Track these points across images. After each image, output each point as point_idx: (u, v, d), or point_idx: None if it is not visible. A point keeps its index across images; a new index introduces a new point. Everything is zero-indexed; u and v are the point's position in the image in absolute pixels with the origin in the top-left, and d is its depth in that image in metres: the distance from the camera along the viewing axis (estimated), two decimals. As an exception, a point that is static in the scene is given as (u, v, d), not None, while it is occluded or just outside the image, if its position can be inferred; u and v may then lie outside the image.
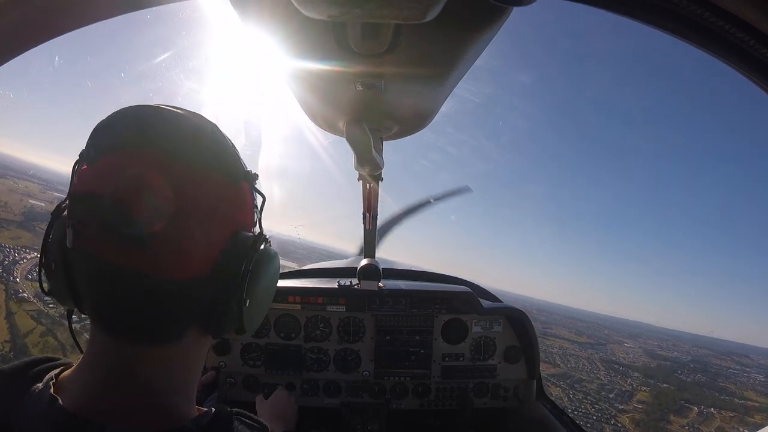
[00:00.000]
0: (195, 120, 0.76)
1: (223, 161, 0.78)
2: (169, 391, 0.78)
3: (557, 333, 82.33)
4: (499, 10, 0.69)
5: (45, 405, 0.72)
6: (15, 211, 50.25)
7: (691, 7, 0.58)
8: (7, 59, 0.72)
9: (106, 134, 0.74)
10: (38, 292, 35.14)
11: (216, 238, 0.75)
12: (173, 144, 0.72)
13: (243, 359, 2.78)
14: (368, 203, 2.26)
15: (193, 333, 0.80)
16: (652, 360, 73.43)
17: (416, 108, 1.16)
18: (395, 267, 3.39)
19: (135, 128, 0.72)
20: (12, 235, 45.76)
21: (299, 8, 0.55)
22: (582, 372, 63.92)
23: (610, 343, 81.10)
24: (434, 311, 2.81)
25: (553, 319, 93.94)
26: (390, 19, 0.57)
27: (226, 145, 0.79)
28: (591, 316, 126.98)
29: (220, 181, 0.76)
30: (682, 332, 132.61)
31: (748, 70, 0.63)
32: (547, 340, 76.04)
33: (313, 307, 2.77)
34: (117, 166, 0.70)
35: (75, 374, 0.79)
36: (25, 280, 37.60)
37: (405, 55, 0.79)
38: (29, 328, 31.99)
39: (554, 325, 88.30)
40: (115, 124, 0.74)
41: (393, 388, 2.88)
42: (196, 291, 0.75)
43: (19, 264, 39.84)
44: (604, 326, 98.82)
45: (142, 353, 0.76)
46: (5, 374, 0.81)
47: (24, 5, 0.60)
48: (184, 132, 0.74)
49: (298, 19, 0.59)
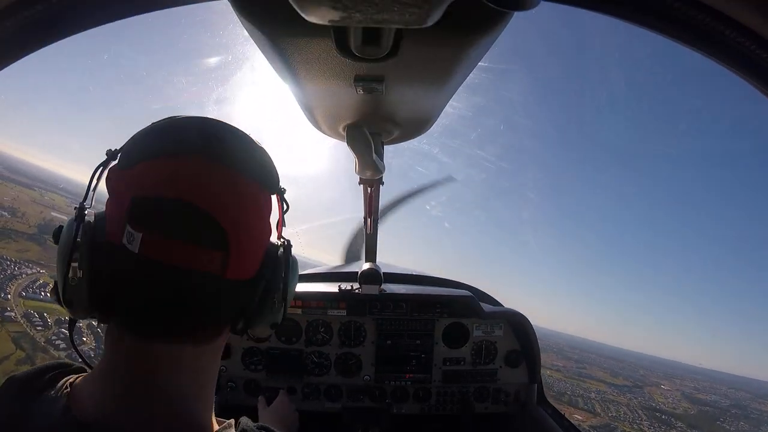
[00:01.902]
0: (248, 136, 0.83)
1: (269, 175, 0.85)
2: (191, 397, 0.78)
3: (593, 374, 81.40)
4: (500, 15, 0.69)
5: (58, 415, 0.71)
6: (31, 222, 49.88)
7: (691, 12, 0.58)
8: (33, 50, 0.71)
9: (163, 139, 0.76)
10: (27, 312, 34.17)
11: (262, 243, 0.83)
12: (237, 157, 0.78)
13: (244, 363, 2.77)
14: (369, 207, 2.26)
15: (225, 333, 0.85)
16: (692, 405, 72.52)
17: (417, 112, 1.16)
18: (396, 271, 3.38)
19: (200, 137, 0.76)
20: (19, 248, 45.03)
21: (301, 13, 0.55)
22: (624, 422, 62.59)
23: (647, 386, 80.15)
24: (435, 315, 2.80)
25: (587, 358, 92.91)
26: (391, 24, 0.58)
27: (271, 161, 0.86)
28: (622, 353, 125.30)
29: (266, 192, 0.84)
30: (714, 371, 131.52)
31: (749, 74, 0.63)
32: (584, 383, 75.00)
33: (314, 311, 2.76)
34: (185, 172, 0.72)
35: (91, 382, 0.78)
36: (17, 298, 36.21)
37: (406, 60, 0.79)
38: (6, 353, 30.01)
39: (588, 364, 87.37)
40: (173, 130, 0.77)
41: (394, 392, 2.87)
42: (243, 291, 0.81)
43: (17, 279, 38.66)
44: (638, 365, 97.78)
45: (175, 353, 0.75)
46: (18, 381, 0.81)
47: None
48: (243, 146, 0.81)
49: (299, 23, 0.60)
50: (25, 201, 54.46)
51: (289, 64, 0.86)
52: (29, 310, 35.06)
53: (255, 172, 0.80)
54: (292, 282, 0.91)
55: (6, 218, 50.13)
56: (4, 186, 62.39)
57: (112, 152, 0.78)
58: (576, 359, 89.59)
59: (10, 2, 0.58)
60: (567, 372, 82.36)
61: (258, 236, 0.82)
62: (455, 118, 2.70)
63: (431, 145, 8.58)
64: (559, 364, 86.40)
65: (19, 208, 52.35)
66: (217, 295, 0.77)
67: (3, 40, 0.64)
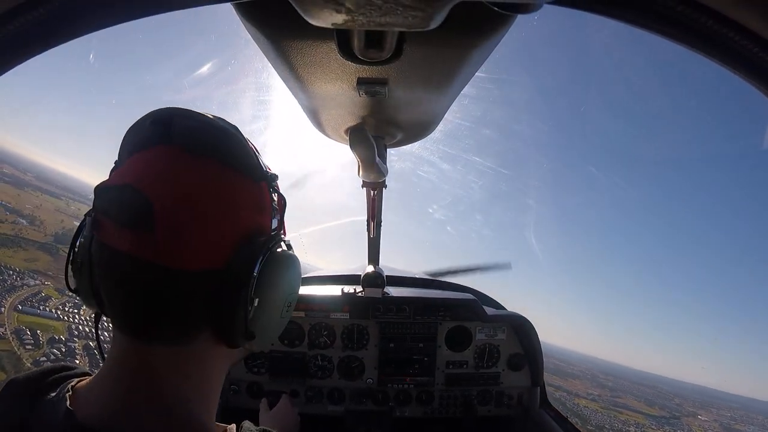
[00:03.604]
0: (217, 121, 0.78)
1: (242, 160, 0.78)
2: (191, 401, 0.76)
3: (628, 404, 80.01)
4: (503, 18, 0.69)
5: (61, 418, 0.71)
6: (47, 231, 49.66)
7: (694, 15, 0.58)
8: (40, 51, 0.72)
9: (134, 135, 0.77)
10: (18, 328, 33.26)
11: (229, 233, 0.74)
12: (194, 140, 0.74)
13: (247, 366, 2.78)
14: (372, 211, 2.26)
15: (205, 337, 0.76)
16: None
17: (420, 115, 1.16)
18: (399, 275, 3.38)
19: (160, 126, 0.75)
20: (27, 257, 44.49)
21: (304, 16, 0.55)
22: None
23: (684, 416, 78.84)
24: (438, 318, 2.80)
25: (620, 385, 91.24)
26: (394, 27, 0.58)
27: (246, 145, 0.80)
28: (652, 379, 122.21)
29: (238, 178, 0.76)
30: (748, 399, 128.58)
31: (752, 77, 0.63)
32: (621, 415, 73.45)
33: (317, 314, 2.76)
34: (140, 162, 0.74)
35: (93, 384, 0.77)
36: (12, 312, 35.12)
37: (409, 63, 0.79)
38: (-15, 374, 28.48)
39: (622, 392, 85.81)
40: (142, 125, 0.77)
41: (397, 395, 2.86)
42: (204, 285, 0.72)
43: (18, 291, 37.77)
44: (673, 393, 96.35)
45: (157, 354, 0.74)
46: (19, 383, 0.81)
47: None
48: (206, 130, 0.76)
49: (302, 27, 0.60)
50: (48, 209, 54.50)
51: (291, 67, 0.86)
52: (22, 326, 34.31)
53: (217, 154, 0.75)
54: (276, 282, 0.79)
55: (22, 226, 50.13)
56: (29, 194, 63.09)
57: None
58: (610, 387, 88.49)
59: (11, 6, 0.59)
60: (603, 401, 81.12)
61: (217, 222, 0.72)
62: (456, 124, 2.70)
63: (433, 150, 8.47)
64: (594, 393, 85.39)
65: (39, 216, 52.33)
66: (164, 285, 0.70)
67: (3, 42, 0.65)
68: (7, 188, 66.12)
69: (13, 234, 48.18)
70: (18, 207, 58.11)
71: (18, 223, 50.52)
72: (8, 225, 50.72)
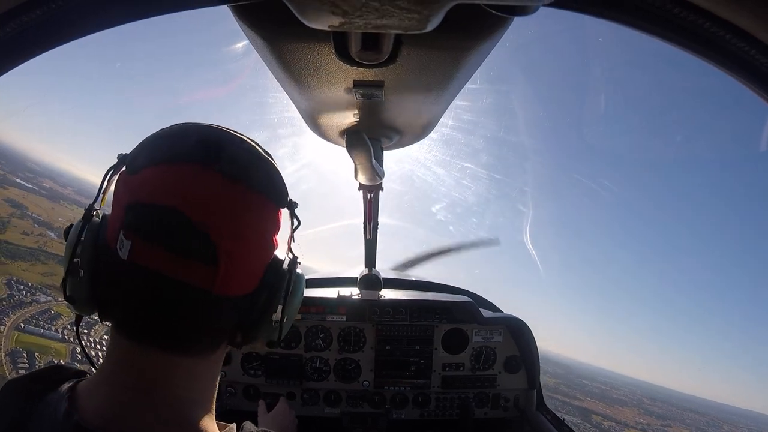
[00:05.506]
0: (254, 146, 0.80)
1: (275, 187, 0.81)
2: (192, 404, 0.77)
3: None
4: (500, 21, 0.69)
5: (61, 419, 0.70)
6: None
7: (691, 17, 0.58)
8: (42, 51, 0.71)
9: (169, 146, 0.75)
10: (15, 350, 31.73)
11: (263, 258, 0.81)
12: (237, 167, 0.75)
13: (243, 369, 2.76)
14: (369, 213, 2.26)
15: (223, 347, 0.82)
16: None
17: (417, 117, 1.16)
18: (396, 277, 3.38)
19: (208, 148, 0.74)
20: (44, 270, 43.26)
21: (301, 19, 0.55)
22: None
23: None
24: (434, 321, 2.79)
25: (668, 412, 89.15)
26: (391, 30, 0.58)
27: (278, 173, 0.83)
28: (697, 403, 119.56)
29: (271, 206, 0.80)
30: None
31: (748, 79, 0.64)
32: None
33: (314, 316, 2.75)
34: (178, 179, 0.71)
35: (93, 385, 0.77)
36: (12, 331, 33.63)
37: (405, 65, 0.79)
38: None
39: (671, 419, 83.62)
40: (183, 138, 0.75)
41: (393, 398, 2.86)
42: (240, 307, 0.79)
43: (26, 307, 36.13)
44: (722, 419, 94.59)
45: (179, 365, 0.75)
46: (17, 384, 0.80)
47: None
48: (247, 156, 0.78)
49: (299, 29, 0.60)
50: (72, 219, 53.80)
51: (288, 69, 0.86)
52: (19, 348, 33.20)
53: (257, 182, 0.77)
54: (295, 301, 0.88)
55: (48, 239, 49.29)
56: (64, 207, 62.46)
57: (123, 156, 0.78)
58: (658, 414, 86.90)
59: (11, 6, 0.58)
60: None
61: (257, 251, 0.79)
62: (452, 126, 2.70)
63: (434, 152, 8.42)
64: (643, 422, 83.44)
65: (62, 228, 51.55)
66: (206, 310, 0.75)
67: (3, 43, 0.64)
68: (43, 201, 65.86)
69: (36, 247, 47.47)
70: (49, 220, 57.50)
71: (45, 236, 49.77)
72: (34, 238, 49.87)
